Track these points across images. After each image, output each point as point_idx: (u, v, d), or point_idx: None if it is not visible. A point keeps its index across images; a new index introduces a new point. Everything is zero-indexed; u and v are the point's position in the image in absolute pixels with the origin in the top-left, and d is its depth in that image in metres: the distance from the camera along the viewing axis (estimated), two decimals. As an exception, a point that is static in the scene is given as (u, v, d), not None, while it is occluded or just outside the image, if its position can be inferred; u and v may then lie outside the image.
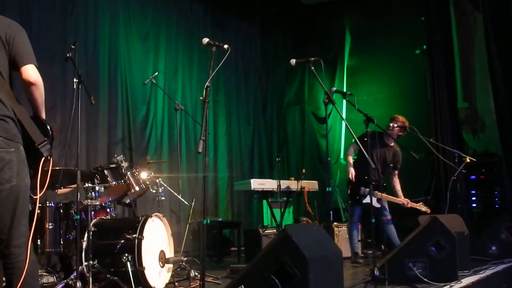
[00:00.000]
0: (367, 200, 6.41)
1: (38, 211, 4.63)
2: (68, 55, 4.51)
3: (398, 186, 6.67)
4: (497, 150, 8.56)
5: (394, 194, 6.62)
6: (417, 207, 6.43)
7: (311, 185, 7.77)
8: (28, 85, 2.88)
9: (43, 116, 2.99)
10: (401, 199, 6.51)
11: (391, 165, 6.65)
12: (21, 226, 2.79)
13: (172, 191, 6.26)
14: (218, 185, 8.99)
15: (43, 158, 2.85)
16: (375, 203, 6.33)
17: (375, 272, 4.58)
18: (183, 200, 6.17)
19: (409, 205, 6.46)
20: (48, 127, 2.95)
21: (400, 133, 6.52)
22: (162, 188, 5.86)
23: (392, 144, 6.66)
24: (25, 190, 2.80)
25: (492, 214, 7.94)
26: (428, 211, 6.35)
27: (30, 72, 2.89)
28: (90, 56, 7.04)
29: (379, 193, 6.40)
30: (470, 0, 9.26)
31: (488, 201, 8.44)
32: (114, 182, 5.04)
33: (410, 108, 9.18)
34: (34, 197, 2.94)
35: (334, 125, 10.33)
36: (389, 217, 6.53)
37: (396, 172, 6.71)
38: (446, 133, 8.78)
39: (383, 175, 6.63)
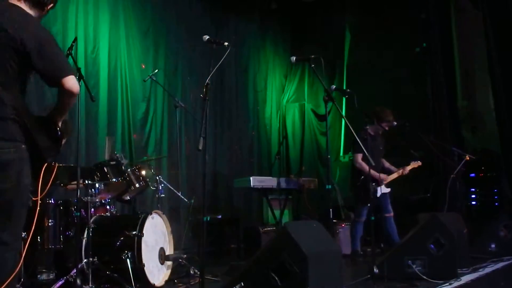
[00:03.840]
0: (379, 192, 6.48)
1: (38, 208, 4.65)
2: (68, 51, 4.52)
3: (386, 164, 6.78)
4: (496, 148, 8.56)
5: (388, 172, 6.70)
6: (414, 167, 6.62)
7: (311, 182, 7.78)
8: (70, 95, 2.78)
9: (59, 121, 2.87)
10: (398, 172, 6.63)
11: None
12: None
13: (172, 188, 6.26)
14: (218, 182, 8.99)
15: (46, 164, 2.80)
16: (385, 190, 6.53)
17: (374, 269, 4.60)
18: (182, 197, 6.18)
19: (407, 171, 6.62)
20: (59, 133, 2.84)
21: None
22: (162, 185, 5.85)
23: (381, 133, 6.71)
24: (23, 189, 2.73)
25: (491, 212, 7.94)
26: (420, 163, 6.64)
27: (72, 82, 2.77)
28: (90, 53, 7.03)
29: (383, 175, 6.48)
30: (469, -2, 9.26)
31: (487, 199, 8.43)
32: (114, 179, 5.05)
33: (409, 105, 9.16)
34: (34, 198, 2.89)
35: (334, 123, 10.32)
36: (392, 213, 6.56)
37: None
38: (445, 131, 8.78)
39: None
